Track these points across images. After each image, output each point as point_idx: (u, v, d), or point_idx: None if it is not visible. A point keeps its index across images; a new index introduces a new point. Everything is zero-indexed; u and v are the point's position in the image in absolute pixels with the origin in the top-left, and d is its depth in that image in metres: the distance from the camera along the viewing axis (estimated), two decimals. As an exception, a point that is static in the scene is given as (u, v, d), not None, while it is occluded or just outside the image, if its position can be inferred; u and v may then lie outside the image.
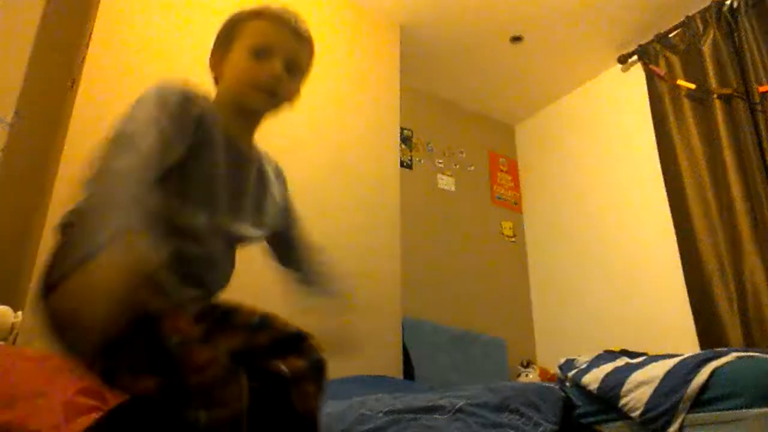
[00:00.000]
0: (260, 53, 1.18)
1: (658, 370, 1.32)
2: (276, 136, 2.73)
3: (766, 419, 1.13)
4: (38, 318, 0.95)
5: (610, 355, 1.67)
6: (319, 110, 2.91)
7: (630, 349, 2.02)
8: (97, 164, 0.91)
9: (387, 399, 1.44)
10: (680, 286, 3.03)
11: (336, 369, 2.39)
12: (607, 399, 1.34)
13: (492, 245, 4.02)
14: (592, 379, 1.41)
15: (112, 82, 2.38)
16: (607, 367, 1.44)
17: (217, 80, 1.25)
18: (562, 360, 1.84)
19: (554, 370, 2.45)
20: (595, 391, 1.39)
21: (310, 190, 2.74)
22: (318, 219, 2.72)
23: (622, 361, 1.52)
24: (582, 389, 1.44)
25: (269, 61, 1.18)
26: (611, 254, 3.56)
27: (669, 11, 3.35)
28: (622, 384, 1.34)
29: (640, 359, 1.46)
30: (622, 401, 1.31)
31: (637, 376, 1.33)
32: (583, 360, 1.69)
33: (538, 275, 4.03)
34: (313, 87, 3.00)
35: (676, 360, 1.34)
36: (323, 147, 2.85)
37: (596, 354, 1.79)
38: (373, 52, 3.24)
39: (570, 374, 1.57)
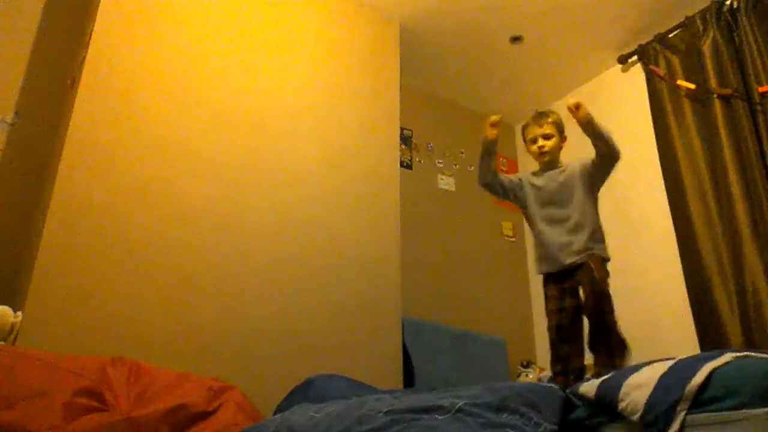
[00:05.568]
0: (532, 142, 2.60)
1: (655, 371, 1.31)
2: (277, 137, 2.75)
3: (766, 419, 1.12)
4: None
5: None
6: (319, 110, 2.91)
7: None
8: None
9: (387, 399, 1.44)
10: (680, 286, 3.03)
11: (336, 369, 2.39)
12: (606, 404, 1.34)
13: (492, 245, 4.02)
14: (589, 388, 1.40)
15: (112, 82, 2.38)
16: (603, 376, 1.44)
17: None
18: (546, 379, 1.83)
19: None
20: (593, 398, 1.39)
21: (309, 190, 2.74)
22: (318, 219, 2.72)
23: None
24: (579, 397, 1.44)
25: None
26: (611, 254, 3.55)
27: (669, 11, 3.35)
28: (619, 387, 1.33)
29: (635, 364, 1.46)
30: (621, 405, 1.30)
31: (634, 379, 1.33)
32: None
33: (537, 275, 4.03)
34: (313, 87, 3.03)
35: (672, 361, 1.34)
36: (323, 147, 2.85)
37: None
38: (372, 52, 3.24)
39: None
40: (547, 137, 2.53)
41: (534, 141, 2.57)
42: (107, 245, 2.19)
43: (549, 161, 2.56)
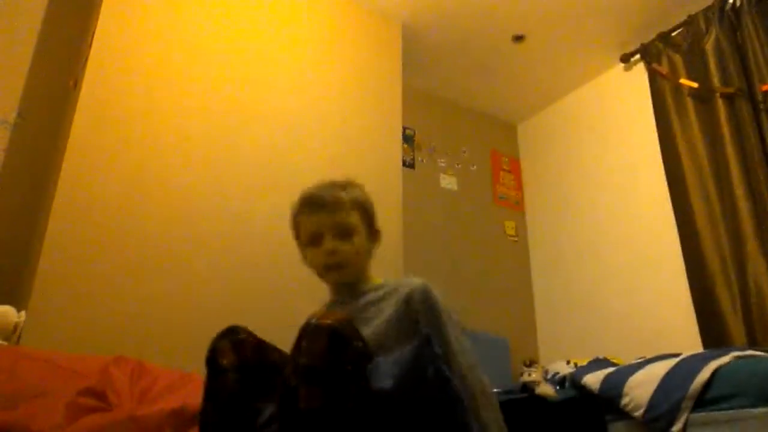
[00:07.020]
0: (314, 241, 1.42)
1: (659, 369, 1.31)
2: (279, 136, 2.75)
3: (768, 419, 1.12)
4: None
5: (604, 362, 1.66)
6: (322, 110, 2.91)
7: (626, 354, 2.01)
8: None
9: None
10: (683, 285, 3.02)
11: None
12: (609, 399, 1.34)
13: (494, 245, 4.01)
14: (593, 380, 1.40)
15: (114, 82, 2.38)
16: (608, 369, 1.43)
17: None
18: (550, 374, 1.82)
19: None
20: (596, 392, 1.39)
21: (312, 190, 2.74)
22: (320, 219, 2.72)
23: (620, 362, 1.51)
24: (582, 389, 1.44)
25: (321, 243, 1.41)
26: (614, 253, 3.55)
27: (671, 10, 3.34)
28: (623, 384, 1.33)
29: (640, 360, 1.45)
30: (624, 401, 1.30)
31: (638, 377, 1.33)
32: (566, 369, 1.67)
33: (540, 274, 4.03)
34: (315, 86, 3.03)
35: (676, 360, 1.34)
36: (325, 146, 2.85)
37: (589, 360, 1.78)
38: (375, 52, 3.24)
39: (568, 374, 1.56)
40: (343, 233, 1.43)
41: (315, 240, 1.42)
42: (110, 245, 2.19)
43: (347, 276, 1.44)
